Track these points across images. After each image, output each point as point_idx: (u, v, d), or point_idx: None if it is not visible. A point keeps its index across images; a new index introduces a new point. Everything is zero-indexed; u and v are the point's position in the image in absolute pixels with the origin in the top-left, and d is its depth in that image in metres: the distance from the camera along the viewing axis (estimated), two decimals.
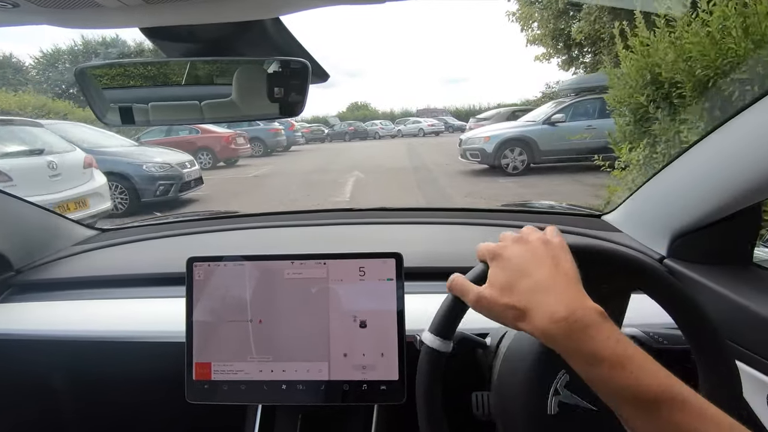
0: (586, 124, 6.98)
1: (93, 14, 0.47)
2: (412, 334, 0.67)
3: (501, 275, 0.46)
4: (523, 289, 0.44)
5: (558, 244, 0.49)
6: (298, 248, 1.01)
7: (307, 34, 3.03)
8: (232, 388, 0.68)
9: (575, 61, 12.69)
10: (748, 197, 0.65)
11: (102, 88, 0.64)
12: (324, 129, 24.57)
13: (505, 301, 0.44)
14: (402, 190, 6.97)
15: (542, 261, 0.46)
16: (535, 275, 0.44)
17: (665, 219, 0.83)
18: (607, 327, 0.40)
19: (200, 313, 0.69)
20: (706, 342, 0.52)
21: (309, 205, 6.01)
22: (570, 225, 1.06)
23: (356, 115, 37.15)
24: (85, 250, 1.10)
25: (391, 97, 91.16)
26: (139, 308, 0.88)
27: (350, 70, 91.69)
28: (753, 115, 0.62)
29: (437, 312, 0.52)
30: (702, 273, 0.74)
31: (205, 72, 0.67)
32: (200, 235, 1.17)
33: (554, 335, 0.41)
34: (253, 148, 13.71)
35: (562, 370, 0.52)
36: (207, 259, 0.70)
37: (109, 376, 0.91)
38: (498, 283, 0.46)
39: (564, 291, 0.43)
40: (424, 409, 0.51)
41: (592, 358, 0.39)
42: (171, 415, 0.90)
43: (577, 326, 0.40)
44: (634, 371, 0.37)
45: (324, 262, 0.69)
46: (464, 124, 26.74)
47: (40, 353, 0.87)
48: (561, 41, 12.05)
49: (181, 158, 6.30)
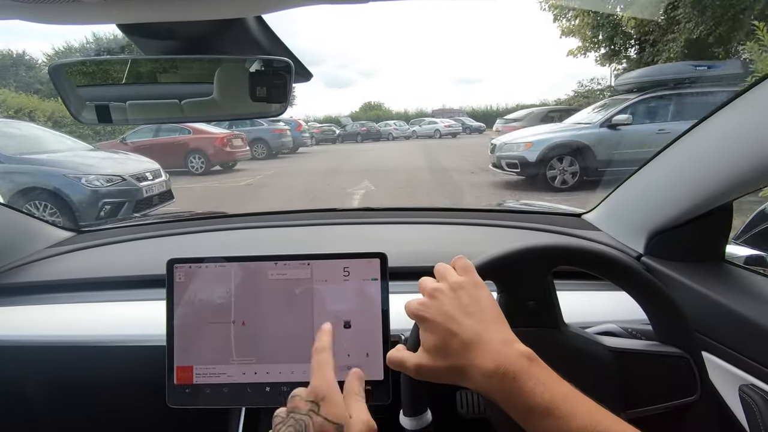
0: (656, 128, 5.67)
1: (68, 9, 0.46)
2: (397, 334, 0.67)
3: (431, 339, 0.46)
4: (454, 349, 0.44)
5: (470, 282, 0.49)
6: (282, 249, 1.00)
7: (322, 32, 2.92)
8: (215, 392, 0.67)
9: (617, 55, 11.42)
10: (721, 196, 0.68)
11: (77, 86, 0.63)
12: (335, 129, 23.21)
13: (442, 364, 0.44)
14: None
15: (462, 312, 0.46)
16: (461, 332, 0.44)
17: (642, 217, 0.85)
18: (534, 372, 0.40)
19: (181, 316, 0.68)
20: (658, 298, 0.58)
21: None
22: (551, 224, 1.08)
23: (369, 115, 35.55)
24: (60, 253, 1.07)
25: (405, 97, 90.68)
26: (117, 312, 0.86)
27: (365, 69, 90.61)
28: (725, 117, 0.64)
29: (402, 396, 0.56)
30: (677, 270, 0.76)
31: (185, 70, 0.66)
32: (181, 236, 1.15)
33: (489, 390, 0.41)
34: (256, 150, 12.54)
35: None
36: (188, 260, 0.69)
37: (87, 382, 0.89)
38: (432, 348, 0.45)
39: (489, 341, 0.43)
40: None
41: (524, 410, 0.39)
42: (152, 421, 0.88)
43: (507, 378, 0.40)
44: (562, 417, 0.38)
45: (308, 262, 0.69)
46: (482, 126, 25.43)
47: (13, 359, 0.84)
48: (604, 31, 10.65)
49: (140, 168, 5.13)
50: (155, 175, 5.22)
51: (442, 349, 0.44)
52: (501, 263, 0.59)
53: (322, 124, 26.23)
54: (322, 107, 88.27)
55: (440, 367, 0.44)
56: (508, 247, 0.60)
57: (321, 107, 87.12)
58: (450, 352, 0.44)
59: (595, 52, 11.45)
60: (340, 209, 1.32)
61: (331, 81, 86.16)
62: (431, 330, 0.46)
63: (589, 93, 14.99)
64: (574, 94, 16.20)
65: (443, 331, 0.45)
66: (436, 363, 0.44)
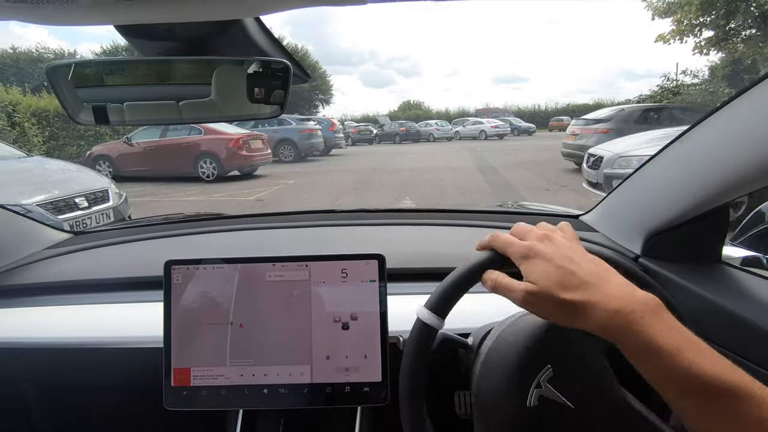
0: None
1: (65, 10, 0.46)
2: (395, 335, 0.67)
3: (546, 273, 0.45)
4: (573, 285, 0.43)
5: (575, 238, 0.49)
6: (280, 250, 1.00)
7: (362, 31, 2.77)
8: (212, 394, 0.67)
9: (729, 39, 9.26)
10: (718, 197, 0.68)
11: (75, 87, 0.62)
12: (372, 129, 22.22)
13: (561, 298, 0.43)
14: None
15: (580, 256, 0.46)
16: (579, 272, 0.44)
17: (640, 219, 0.85)
18: (664, 316, 0.40)
19: (179, 318, 0.68)
20: None
21: None
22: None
23: (408, 115, 34.46)
24: (57, 254, 1.06)
25: (446, 97, 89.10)
26: (115, 313, 0.86)
27: (405, 68, 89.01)
28: (722, 118, 0.64)
29: (436, 290, 0.52)
30: (674, 271, 0.76)
31: (183, 71, 0.66)
32: (179, 237, 1.15)
33: (612, 329, 0.40)
34: (282, 153, 11.41)
35: (548, 366, 0.53)
36: (186, 262, 0.69)
37: (84, 384, 0.88)
38: (545, 281, 0.44)
39: (610, 282, 0.43)
40: (407, 387, 0.51)
41: (649, 348, 0.38)
42: (149, 423, 0.88)
43: (633, 317, 0.39)
44: (693, 360, 0.36)
45: (306, 264, 0.69)
46: (532, 126, 24.24)
47: (10, 362, 0.84)
48: (721, 7, 8.60)
49: (70, 190, 3.59)
50: (95, 199, 3.75)
51: (559, 283, 0.44)
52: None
53: (358, 123, 25.63)
54: (359, 106, 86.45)
55: (553, 299, 0.43)
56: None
57: (357, 106, 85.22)
58: (568, 288, 0.43)
59: (694, 37, 9.39)
60: (338, 210, 1.31)
61: (369, 80, 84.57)
62: (546, 265, 0.45)
63: (679, 88, 13.08)
64: (659, 89, 14.57)
65: (560, 267, 0.44)
66: (551, 294, 0.43)
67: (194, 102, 0.65)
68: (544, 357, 0.53)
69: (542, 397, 0.53)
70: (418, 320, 0.52)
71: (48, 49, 22.03)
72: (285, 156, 11.48)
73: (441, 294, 0.52)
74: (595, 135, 7.07)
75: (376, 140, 21.64)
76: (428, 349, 0.52)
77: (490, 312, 0.67)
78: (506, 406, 0.53)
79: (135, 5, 0.45)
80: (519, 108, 33.76)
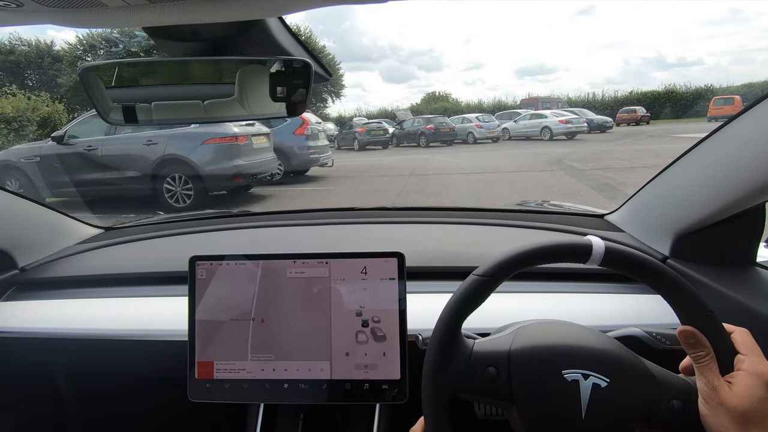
0: None
1: (97, 14, 0.47)
2: (414, 334, 0.67)
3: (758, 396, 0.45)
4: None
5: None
6: (301, 247, 1.01)
7: (384, 26, 2.58)
8: (234, 387, 0.68)
9: None
10: (752, 197, 0.65)
11: (105, 88, 0.65)
12: (387, 127, 15.40)
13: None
14: None
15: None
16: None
17: (668, 219, 0.83)
18: None
19: (203, 312, 0.70)
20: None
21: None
22: (573, 225, 1.06)
23: (433, 108, 27.32)
24: (88, 249, 1.11)
25: (468, 91, 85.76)
26: (142, 307, 0.89)
27: (426, 63, 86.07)
28: (757, 115, 0.62)
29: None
30: (704, 273, 0.73)
31: (207, 71, 0.68)
32: (203, 234, 1.18)
33: None
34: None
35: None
36: (209, 257, 0.71)
37: (111, 374, 0.92)
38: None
39: None
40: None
41: None
42: (173, 414, 0.91)
43: None
44: None
45: (326, 261, 0.69)
46: (608, 120, 17.12)
47: (43, 352, 0.88)
48: None
49: None
50: None
51: (759, 413, 0.45)
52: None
53: (370, 120, 19.23)
54: (376, 100, 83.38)
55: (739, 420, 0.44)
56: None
57: (374, 100, 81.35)
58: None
59: None
60: (358, 208, 1.32)
61: (390, 76, 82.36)
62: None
63: None
64: None
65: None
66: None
67: (218, 101, 0.66)
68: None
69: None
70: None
71: (22, 40, 21.87)
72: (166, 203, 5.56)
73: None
74: None
75: (392, 143, 15.32)
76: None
77: (509, 312, 0.67)
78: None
79: (161, 8, 0.46)
80: (569, 97, 26.50)
